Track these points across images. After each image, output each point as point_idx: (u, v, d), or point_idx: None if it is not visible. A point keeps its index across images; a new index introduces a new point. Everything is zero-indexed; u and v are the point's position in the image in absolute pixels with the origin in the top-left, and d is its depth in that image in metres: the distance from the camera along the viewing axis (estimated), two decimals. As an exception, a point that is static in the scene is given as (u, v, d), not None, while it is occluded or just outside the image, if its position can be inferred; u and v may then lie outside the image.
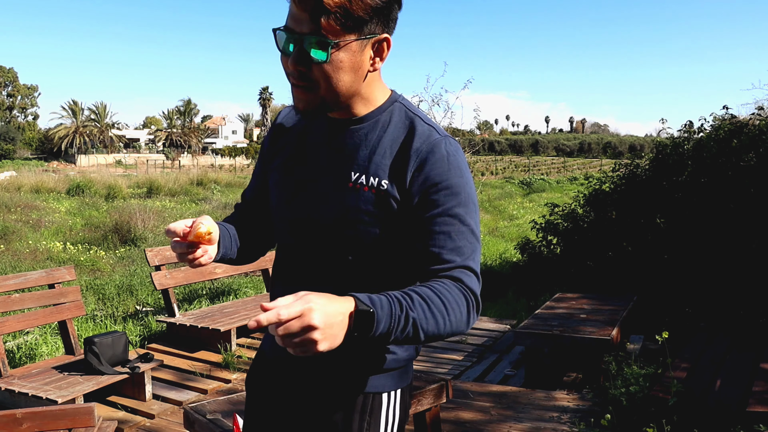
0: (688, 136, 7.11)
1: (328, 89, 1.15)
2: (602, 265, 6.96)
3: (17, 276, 3.90)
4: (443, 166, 1.18)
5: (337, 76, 1.14)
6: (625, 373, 3.85)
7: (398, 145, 1.21)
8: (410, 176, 1.18)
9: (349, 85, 1.17)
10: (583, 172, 31.68)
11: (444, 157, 1.19)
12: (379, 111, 1.24)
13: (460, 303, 1.11)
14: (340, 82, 1.15)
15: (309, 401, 1.32)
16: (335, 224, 1.22)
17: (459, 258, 1.16)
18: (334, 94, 1.17)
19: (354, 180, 1.21)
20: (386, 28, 1.16)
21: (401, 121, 1.24)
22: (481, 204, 19.29)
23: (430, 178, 1.18)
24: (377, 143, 1.22)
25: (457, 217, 1.18)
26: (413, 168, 1.18)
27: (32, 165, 39.50)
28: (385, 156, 1.21)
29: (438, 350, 5.37)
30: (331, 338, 0.96)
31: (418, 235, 1.18)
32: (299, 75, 1.14)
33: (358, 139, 1.23)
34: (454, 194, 1.18)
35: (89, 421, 2.64)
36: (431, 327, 1.07)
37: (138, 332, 5.41)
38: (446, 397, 3.03)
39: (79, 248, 9.91)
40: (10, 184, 18.71)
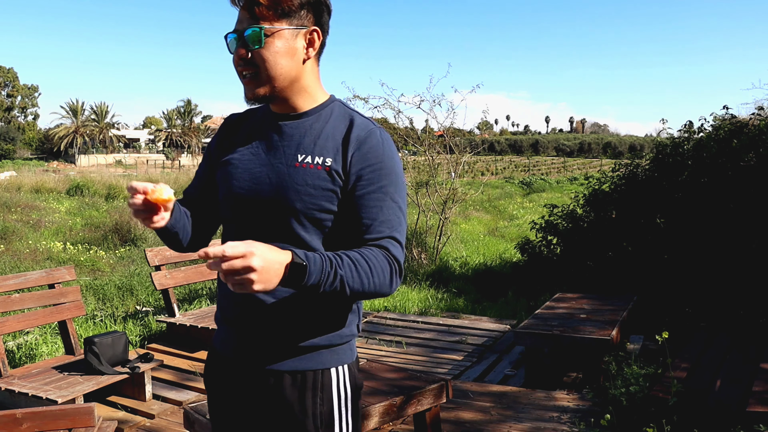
0: (688, 136, 7.10)
1: (270, 73, 1.36)
2: (602, 265, 6.96)
3: (17, 276, 3.90)
4: (378, 150, 1.39)
5: (275, 59, 1.35)
6: (625, 373, 3.85)
7: (340, 133, 1.40)
8: (351, 157, 1.37)
9: (288, 70, 1.37)
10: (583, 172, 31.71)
11: (379, 143, 1.39)
12: (321, 107, 1.44)
13: (384, 268, 1.30)
14: (278, 65, 1.36)
15: (263, 387, 1.42)
16: (285, 200, 1.37)
17: (387, 229, 1.36)
18: (275, 79, 1.37)
19: (300, 160, 1.38)
20: (317, 23, 1.39)
21: (341, 115, 1.44)
22: (481, 204, 19.30)
23: (367, 159, 1.37)
24: (320, 132, 1.41)
25: (388, 195, 1.38)
26: (353, 150, 1.37)
27: (32, 165, 39.51)
28: (328, 141, 1.39)
29: (438, 350, 5.37)
30: (266, 281, 1.13)
31: (354, 207, 1.36)
32: (244, 64, 1.36)
33: (303, 129, 1.42)
34: (387, 174, 1.38)
35: (89, 421, 2.64)
36: (356, 285, 1.26)
37: (138, 332, 5.41)
38: (446, 397, 3.04)
39: (79, 248, 9.91)
40: (10, 184, 18.70)
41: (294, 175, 1.37)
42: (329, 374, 1.42)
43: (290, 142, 1.41)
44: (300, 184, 1.36)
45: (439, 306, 7.21)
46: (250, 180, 1.41)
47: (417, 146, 10.71)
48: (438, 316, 6.58)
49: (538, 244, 8.09)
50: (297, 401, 1.40)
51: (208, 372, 1.56)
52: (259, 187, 1.40)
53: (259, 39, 1.33)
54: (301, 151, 1.39)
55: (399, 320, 6.35)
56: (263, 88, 1.38)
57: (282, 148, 1.41)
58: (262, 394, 1.42)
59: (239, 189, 1.42)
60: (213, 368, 1.55)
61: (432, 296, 7.65)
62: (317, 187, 1.36)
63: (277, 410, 1.41)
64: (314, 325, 1.41)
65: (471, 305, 7.28)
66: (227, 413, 1.51)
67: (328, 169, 1.36)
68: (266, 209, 1.39)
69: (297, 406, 1.40)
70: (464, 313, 6.85)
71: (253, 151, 1.44)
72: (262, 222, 1.40)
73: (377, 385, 2.96)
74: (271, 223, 1.39)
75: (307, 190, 1.36)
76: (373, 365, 3.32)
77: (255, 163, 1.43)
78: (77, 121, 59.37)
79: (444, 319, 6.39)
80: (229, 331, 1.48)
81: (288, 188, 1.37)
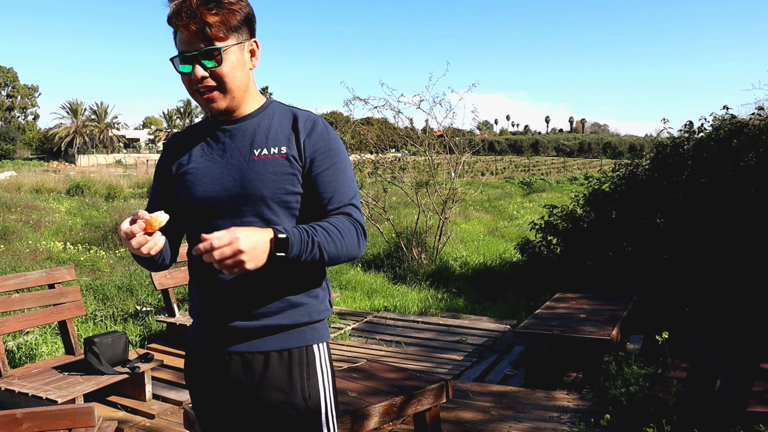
0: (688, 136, 7.10)
1: (230, 86, 1.49)
2: (602, 265, 6.96)
3: (17, 276, 3.90)
4: (325, 135, 1.56)
5: (233, 74, 1.48)
6: (625, 373, 3.85)
7: (287, 126, 1.56)
8: (303, 144, 1.53)
9: (241, 81, 1.51)
10: (583, 172, 31.69)
11: (324, 129, 1.56)
12: (263, 108, 1.59)
13: (351, 231, 1.48)
14: (236, 79, 1.49)
15: (250, 369, 1.51)
16: (253, 189, 1.49)
17: (346, 198, 1.53)
18: (234, 90, 1.50)
19: (258, 154, 1.52)
20: (253, 34, 1.54)
21: (283, 112, 1.59)
22: (481, 204, 19.29)
23: (317, 143, 1.54)
24: (269, 128, 1.55)
25: (340, 170, 1.55)
26: (303, 138, 1.53)
27: (32, 165, 39.51)
28: (278, 134, 1.54)
29: (438, 350, 5.37)
30: (256, 258, 1.30)
31: (313, 186, 1.52)
32: (203, 82, 1.46)
33: (252, 128, 1.55)
34: (336, 154, 1.56)
35: (89, 421, 2.64)
36: (332, 249, 1.43)
37: (138, 332, 5.41)
38: (446, 397, 3.04)
39: (79, 248, 9.91)
40: (10, 184, 18.70)
41: (255, 168, 1.50)
42: (312, 350, 1.55)
43: (242, 141, 1.54)
44: (263, 174, 1.49)
45: (439, 306, 7.21)
46: (213, 182, 1.52)
47: (417, 146, 10.71)
48: (438, 316, 6.58)
49: (538, 244, 8.09)
50: (286, 377, 1.51)
51: (191, 367, 1.63)
52: (223, 185, 1.51)
53: (218, 58, 1.45)
54: (256, 146, 1.52)
55: (399, 320, 6.36)
56: (224, 102, 1.51)
57: (236, 149, 1.54)
58: (250, 376, 1.51)
59: (204, 192, 1.52)
60: (195, 362, 1.61)
61: (432, 296, 7.65)
62: (278, 173, 1.50)
63: (267, 388, 1.50)
64: (296, 306, 1.53)
65: (471, 305, 7.28)
66: (215, 403, 1.57)
67: (285, 155, 1.51)
68: (235, 204, 1.50)
69: (286, 382, 1.51)
70: (464, 313, 6.85)
71: (207, 158, 1.55)
72: (234, 216, 1.50)
73: (377, 385, 2.96)
74: (242, 216, 1.50)
75: (270, 177, 1.49)
76: (373, 365, 3.32)
77: (213, 167, 1.53)
78: (77, 121, 59.37)
79: (444, 319, 6.39)
80: (212, 321, 1.55)
81: (252, 179, 1.49)
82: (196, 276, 1.58)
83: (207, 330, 1.56)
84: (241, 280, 1.48)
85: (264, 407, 1.51)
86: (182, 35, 1.46)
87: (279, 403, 1.50)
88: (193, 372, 1.62)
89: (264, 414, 1.51)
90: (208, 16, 1.43)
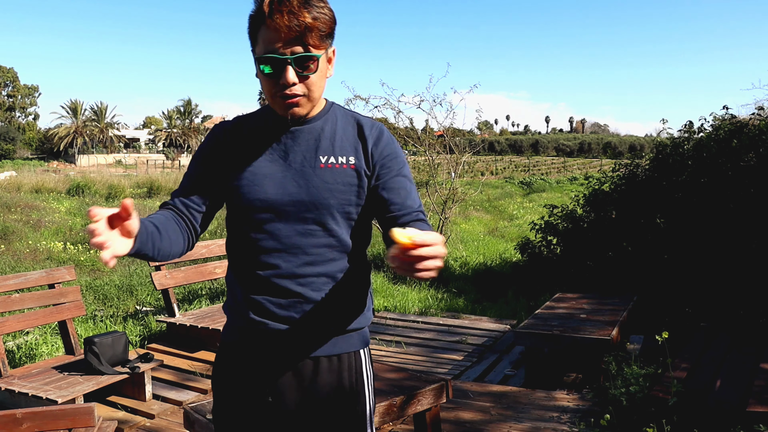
0: (688, 136, 7.11)
1: (314, 95, 1.45)
2: (602, 265, 6.96)
3: (17, 276, 3.90)
4: (391, 143, 1.56)
5: (320, 83, 1.45)
6: (625, 373, 3.85)
7: (352, 133, 1.54)
8: (370, 152, 1.52)
9: (322, 90, 1.48)
10: (583, 172, 31.68)
11: (389, 137, 1.56)
12: (325, 111, 1.54)
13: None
14: (320, 88, 1.46)
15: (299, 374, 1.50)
16: (320, 198, 1.47)
17: (416, 206, 1.53)
18: (316, 98, 1.46)
19: (324, 161, 1.49)
20: (333, 41, 1.47)
21: (345, 117, 1.56)
22: (481, 204, 19.29)
23: (384, 150, 1.54)
24: (333, 134, 1.52)
25: (407, 177, 1.56)
26: (371, 146, 1.52)
27: (32, 165, 39.50)
28: (344, 141, 1.52)
29: (438, 350, 5.37)
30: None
31: (381, 193, 1.51)
32: (293, 87, 1.40)
33: (315, 133, 1.51)
34: (402, 162, 1.56)
35: (89, 421, 2.64)
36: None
37: (138, 332, 5.41)
38: (446, 397, 3.04)
39: (79, 248, 9.91)
40: (10, 184, 18.70)
41: (322, 176, 1.47)
42: (359, 356, 1.57)
43: (307, 146, 1.50)
44: (330, 183, 1.47)
45: (439, 306, 7.21)
46: (275, 185, 1.47)
47: (417, 146, 10.71)
48: (438, 316, 6.58)
49: (538, 245, 8.09)
50: (336, 382, 1.52)
51: (228, 368, 1.57)
52: (287, 190, 1.47)
53: (312, 66, 1.40)
54: (322, 153, 1.49)
55: (399, 320, 6.35)
56: (306, 109, 1.46)
57: (300, 153, 1.49)
58: (299, 382, 1.50)
59: (264, 194, 1.47)
60: (233, 363, 1.55)
61: (432, 296, 7.65)
62: (345, 184, 1.48)
63: (317, 393, 1.50)
64: (349, 312, 1.54)
65: (471, 305, 7.28)
66: (254, 407, 1.53)
67: (354, 167, 1.50)
68: (299, 210, 1.47)
69: (336, 387, 1.52)
70: (464, 313, 6.85)
71: (268, 158, 1.50)
72: (296, 222, 1.47)
73: (377, 385, 2.96)
74: (306, 222, 1.47)
75: (337, 187, 1.47)
76: (374, 365, 3.32)
77: (275, 169, 1.49)
78: (77, 121, 59.37)
79: (444, 319, 6.39)
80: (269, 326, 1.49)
81: (319, 188, 1.46)
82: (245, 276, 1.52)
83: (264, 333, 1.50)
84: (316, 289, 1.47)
85: (313, 412, 1.50)
86: (273, 35, 1.36)
87: (329, 408, 1.51)
88: (231, 373, 1.56)
89: (312, 419, 1.50)
90: (308, 19, 1.35)
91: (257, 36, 1.40)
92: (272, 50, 1.37)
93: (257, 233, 1.49)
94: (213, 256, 6.39)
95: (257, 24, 1.39)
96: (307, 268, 1.47)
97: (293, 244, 1.47)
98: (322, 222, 1.47)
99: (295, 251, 1.47)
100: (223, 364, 1.58)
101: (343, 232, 1.49)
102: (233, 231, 1.55)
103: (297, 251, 1.47)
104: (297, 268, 1.47)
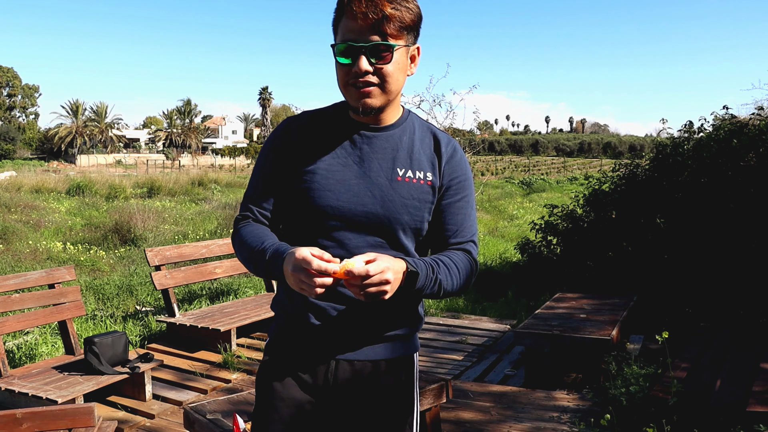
0: (688, 136, 7.10)
1: (390, 88, 1.40)
2: (602, 265, 6.96)
3: (17, 276, 3.90)
4: (463, 164, 1.54)
5: (396, 76, 1.39)
6: (625, 373, 3.85)
7: (429, 148, 1.51)
8: (443, 170, 1.50)
9: (399, 85, 1.42)
10: (583, 172, 31.69)
11: (462, 157, 1.54)
12: (403, 119, 1.51)
13: (467, 270, 1.49)
14: (397, 81, 1.40)
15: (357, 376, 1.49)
16: (394, 213, 1.44)
17: (469, 234, 1.53)
18: (391, 92, 1.41)
19: (402, 175, 1.46)
20: (417, 39, 1.44)
21: (422, 128, 1.53)
22: (481, 204, 19.29)
23: (455, 171, 1.52)
24: (411, 146, 1.49)
25: (469, 203, 1.55)
26: (444, 164, 1.50)
27: (32, 165, 39.52)
28: (421, 155, 1.49)
29: (438, 350, 5.37)
30: (392, 290, 1.28)
31: (442, 214, 1.51)
32: (366, 76, 1.36)
33: (393, 142, 1.48)
34: (469, 185, 1.55)
35: (89, 421, 2.64)
36: (448, 287, 1.44)
37: (138, 332, 5.41)
38: (446, 397, 3.04)
39: (79, 248, 9.91)
40: (11, 184, 18.71)
41: (399, 190, 1.45)
42: (413, 358, 1.59)
43: (384, 155, 1.46)
44: (407, 198, 1.45)
45: (439, 306, 7.20)
46: (349, 193, 1.43)
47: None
48: (438, 316, 6.58)
49: (538, 245, 8.09)
50: (393, 385, 1.53)
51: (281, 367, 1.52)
52: (361, 200, 1.43)
53: (387, 56, 1.36)
54: (399, 165, 1.46)
55: (399, 320, 6.35)
56: (379, 101, 1.40)
57: (377, 161, 1.46)
58: (358, 384, 1.50)
59: (336, 201, 1.43)
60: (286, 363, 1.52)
61: (432, 296, 7.64)
62: (422, 201, 1.47)
63: (375, 395, 1.51)
64: (405, 317, 1.54)
65: (471, 305, 7.27)
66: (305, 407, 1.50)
67: (430, 183, 1.48)
68: (371, 222, 1.44)
69: (393, 389, 1.53)
70: (464, 313, 6.85)
71: (341, 161, 1.45)
72: (366, 233, 1.45)
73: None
74: (376, 234, 1.45)
75: (414, 203, 1.45)
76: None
77: (348, 175, 1.44)
78: (77, 121, 59.41)
79: (444, 319, 6.39)
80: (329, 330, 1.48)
81: (395, 202, 1.44)
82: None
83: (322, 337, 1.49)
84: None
85: (371, 414, 1.51)
86: (351, 23, 1.35)
87: (386, 410, 1.52)
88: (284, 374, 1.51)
89: (369, 420, 1.51)
90: (388, 8, 1.33)
91: (338, 27, 1.39)
92: (348, 38, 1.35)
93: (325, 240, 1.45)
94: (213, 256, 6.40)
95: (339, 14, 1.38)
96: None
97: (356, 252, 1.42)
98: (392, 236, 1.46)
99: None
100: (275, 366, 1.54)
101: (410, 246, 1.49)
102: (297, 233, 1.49)
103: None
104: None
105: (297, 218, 1.48)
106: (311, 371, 1.50)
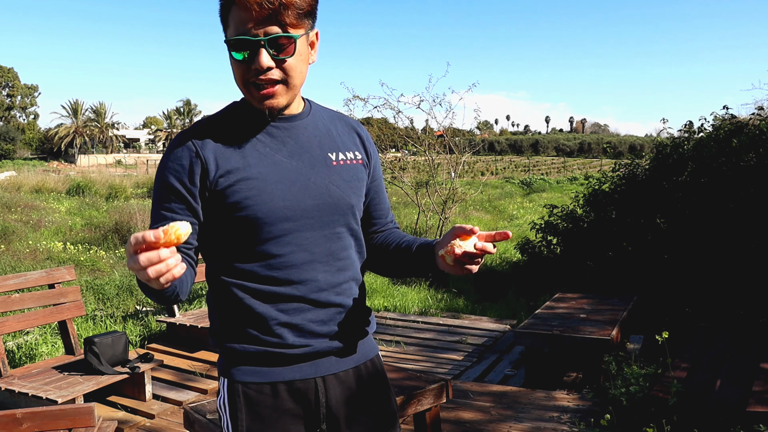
0: (688, 136, 7.10)
1: (294, 82, 1.28)
2: (602, 265, 6.96)
3: (17, 276, 3.90)
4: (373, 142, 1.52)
5: (299, 69, 1.27)
6: (625, 373, 3.85)
7: (345, 130, 1.45)
8: (368, 149, 1.47)
9: (303, 77, 1.31)
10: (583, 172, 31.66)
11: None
12: (309, 107, 1.41)
13: None
14: (301, 74, 1.29)
15: (346, 388, 1.39)
16: (342, 198, 1.37)
17: (390, 212, 1.56)
18: (296, 86, 1.29)
19: (335, 158, 1.38)
20: (315, 23, 1.31)
21: (326, 112, 1.46)
22: (481, 204, 19.28)
23: (374, 152, 1.48)
24: (327, 130, 1.41)
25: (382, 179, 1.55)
26: (365, 142, 1.47)
27: (32, 165, 39.48)
28: (343, 136, 1.43)
29: (438, 350, 5.37)
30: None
31: (373, 195, 1.49)
32: (268, 73, 1.24)
33: (311, 129, 1.38)
34: (379, 162, 1.52)
35: (89, 421, 2.64)
36: None
37: (138, 332, 5.41)
38: (446, 397, 3.03)
39: (79, 248, 9.91)
40: (10, 184, 18.71)
41: (340, 173, 1.38)
42: (379, 355, 1.52)
43: (310, 143, 1.36)
44: (348, 180, 1.39)
45: (439, 306, 7.21)
46: (292, 189, 1.30)
47: (417, 146, 10.71)
48: (438, 316, 6.58)
49: (538, 244, 8.09)
50: (377, 386, 1.46)
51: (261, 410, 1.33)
52: (307, 193, 1.32)
53: (290, 48, 1.23)
54: (329, 150, 1.38)
55: (399, 320, 6.35)
56: (285, 99, 1.29)
57: (306, 151, 1.35)
58: (348, 395, 1.39)
59: (282, 201, 1.29)
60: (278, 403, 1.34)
61: (432, 296, 7.65)
62: (360, 180, 1.42)
63: (365, 402, 1.43)
64: (368, 313, 1.48)
65: (471, 305, 7.28)
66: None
67: (361, 162, 1.43)
68: (324, 214, 1.34)
69: (379, 390, 1.46)
70: (464, 313, 6.85)
71: (271, 160, 1.31)
72: (321, 228, 1.34)
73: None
74: (332, 226, 1.35)
75: (356, 184, 1.40)
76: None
77: (284, 172, 1.31)
78: (77, 121, 59.36)
79: (444, 319, 6.39)
80: (316, 345, 1.35)
81: (340, 186, 1.37)
82: (272, 297, 1.31)
83: (294, 357, 1.33)
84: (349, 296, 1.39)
85: (362, 420, 1.41)
86: (245, 14, 1.20)
87: (377, 413, 1.44)
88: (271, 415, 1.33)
89: (361, 426, 1.40)
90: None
91: (228, 19, 1.24)
92: (243, 32, 1.21)
93: (278, 247, 1.30)
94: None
95: (228, 3, 1.23)
96: (340, 274, 1.37)
97: (325, 251, 1.34)
98: (347, 224, 1.38)
99: (328, 259, 1.35)
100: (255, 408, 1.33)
101: (359, 231, 1.43)
102: (241, 250, 1.31)
103: (329, 258, 1.35)
104: (333, 277, 1.35)
105: (237, 234, 1.30)
106: (302, 401, 1.34)
